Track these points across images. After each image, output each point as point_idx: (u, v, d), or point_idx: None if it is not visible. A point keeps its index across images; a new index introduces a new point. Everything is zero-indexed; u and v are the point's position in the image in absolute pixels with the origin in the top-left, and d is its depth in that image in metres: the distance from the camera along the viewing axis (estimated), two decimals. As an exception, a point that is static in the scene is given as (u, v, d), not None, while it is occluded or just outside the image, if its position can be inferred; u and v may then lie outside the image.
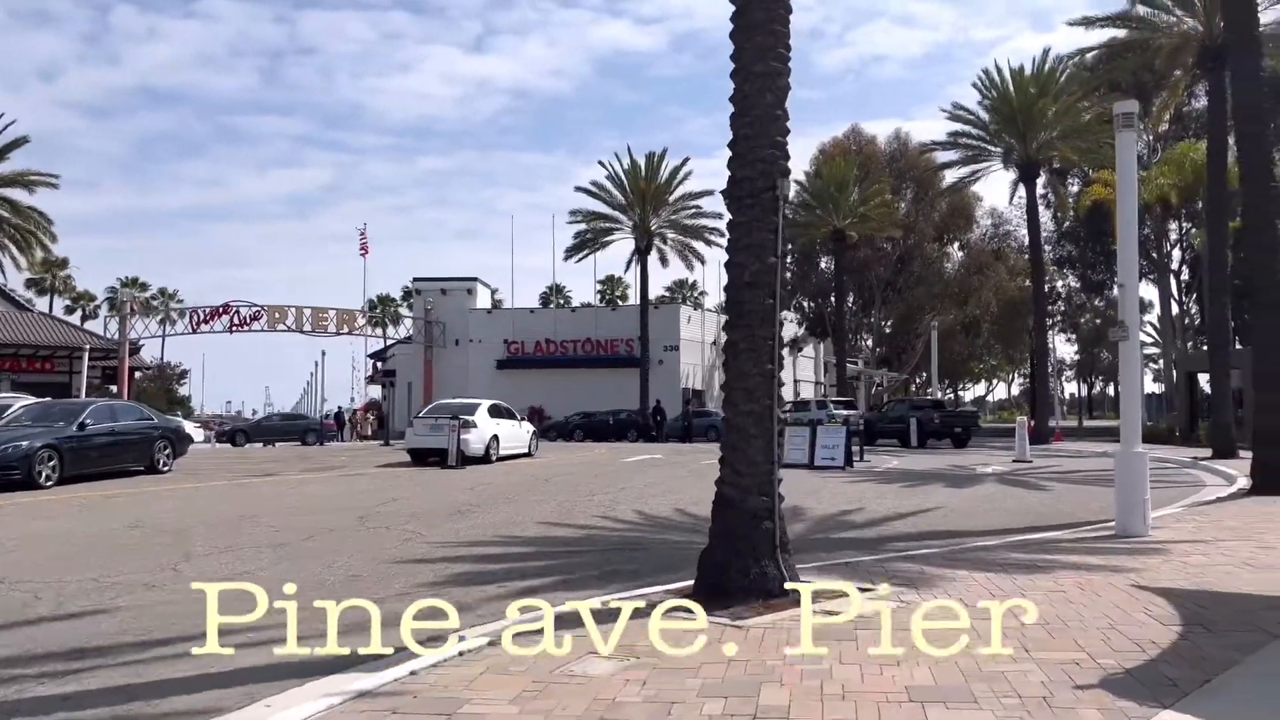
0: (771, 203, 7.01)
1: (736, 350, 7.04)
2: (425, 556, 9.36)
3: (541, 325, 51.99)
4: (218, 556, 9.27)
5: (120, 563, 8.86)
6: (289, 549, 9.73)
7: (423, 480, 17.93)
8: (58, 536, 10.69)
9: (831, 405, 38.99)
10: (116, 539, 10.46)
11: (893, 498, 14.86)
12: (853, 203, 45.04)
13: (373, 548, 9.89)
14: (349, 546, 9.92)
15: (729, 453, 7.05)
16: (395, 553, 9.58)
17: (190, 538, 10.49)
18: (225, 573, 8.35)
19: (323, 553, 9.46)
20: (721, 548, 6.86)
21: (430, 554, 9.51)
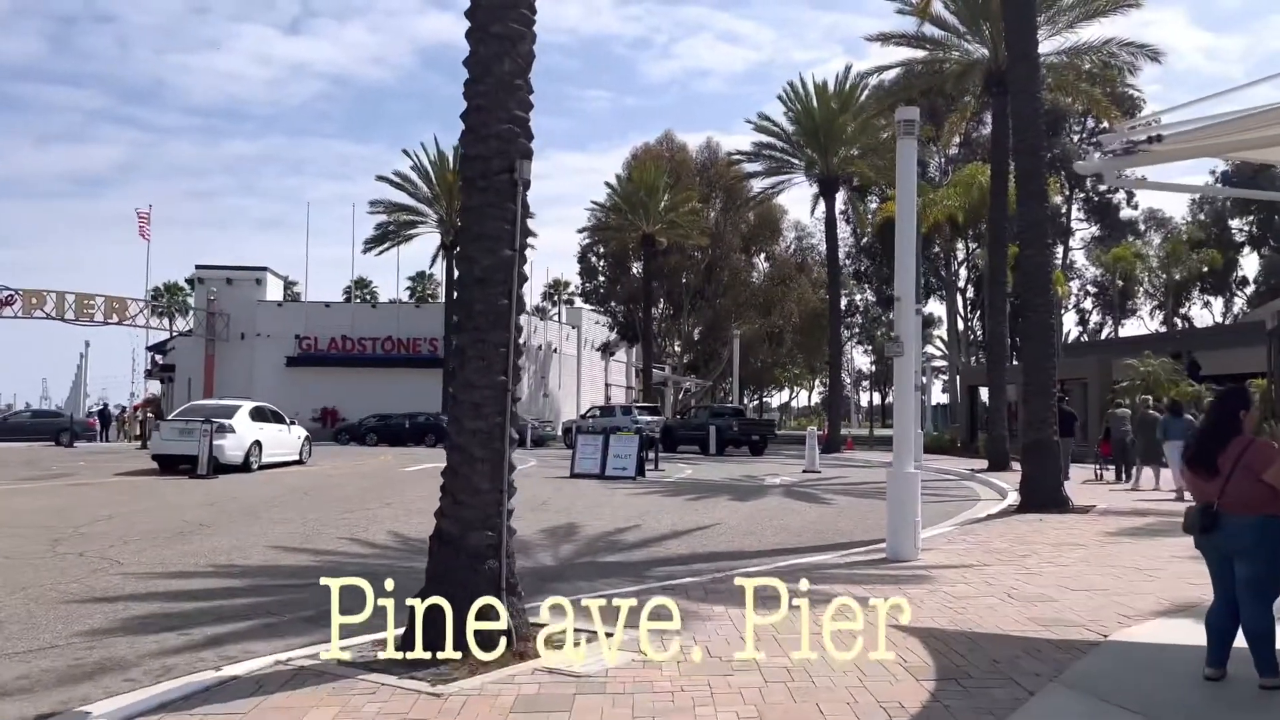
0: (509, 187, 6.01)
1: (464, 357, 5.99)
2: (109, 593, 7.81)
3: (339, 321, 49.21)
4: None
5: None
6: (-73, 587, 7.91)
7: (159, 492, 15.88)
8: None
9: (636, 411, 38.61)
10: None
11: (674, 512, 14.22)
12: (663, 208, 44.99)
13: (48, 580, 8.23)
14: (17, 579, 8.20)
15: (450, 479, 5.99)
16: (74, 588, 7.98)
17: None
18: None
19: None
20: (436, 593, 5.78)
21: (117, 589, 7.96)
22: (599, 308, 58.20)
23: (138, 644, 6.28)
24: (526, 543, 10.92)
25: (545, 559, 10.07)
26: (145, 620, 6.97)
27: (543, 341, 53.99)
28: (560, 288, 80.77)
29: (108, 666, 5.79)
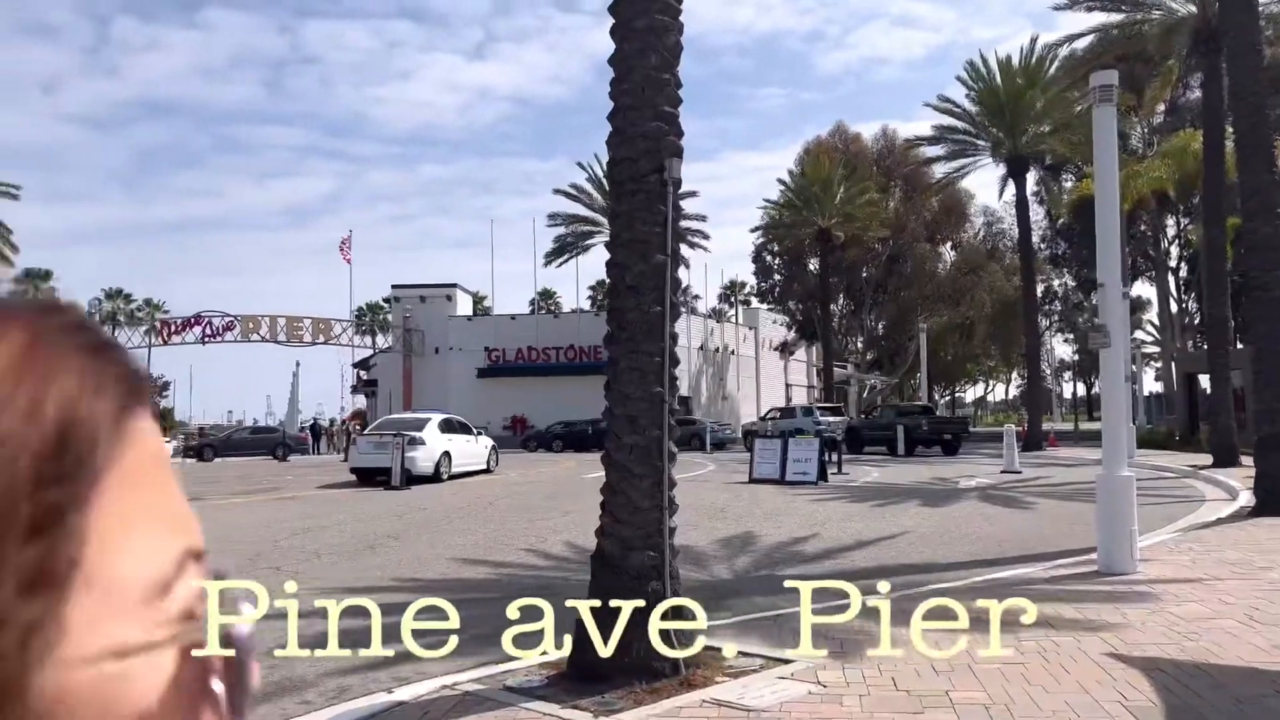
0: (659, 189, 5.70)
1: (617, 369, 5.73)
2: (299, 608, 8.02)
3: (524, 332, 50.66)
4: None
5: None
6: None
7: (355, 505, 16.60)
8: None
9: (817, 412, 37.66)
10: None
11: (859, 520, 13.53)
12: (839, 201, 43.73)
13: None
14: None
15: (609, 496, 5.74)
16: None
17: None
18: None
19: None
20: (600, 617, 5.54)
21: (305, 605, 8.18)
22: (776, 307, 57.34)
23: (318, 663, 6.36)
24: (700, 553, 10.61)
25: (721, 571, 9.71)
26: (315, 639, 7.09)
27: (719, 344, 53.70)
28: (736, 289, 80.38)
29: (286, 686, 5.87)
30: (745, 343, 57.44)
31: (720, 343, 53.90)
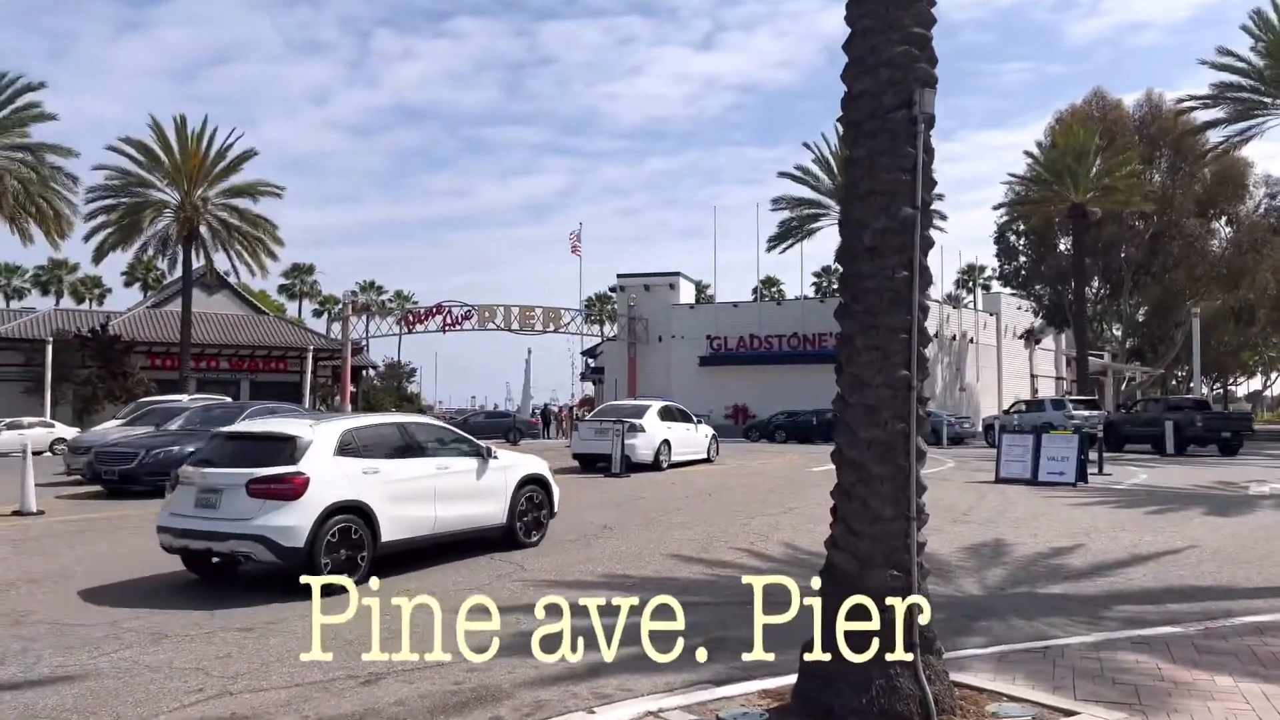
0: (906, 127, 4.67)
1: (852, 348, 4.75)
2: (509, 602, 7.59)
3: (746, 320, 49.81)
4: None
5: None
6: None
7: (574, 492, 16.34)
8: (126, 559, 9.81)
9: (1070, 405, 34.43)
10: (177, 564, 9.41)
11: (1131, 530, 11.70)
12: (1094, 174, 39.71)
13: (452, 589, 8.25)
14: (434, 585, 8.34)
15: (841, 502, 4.78)
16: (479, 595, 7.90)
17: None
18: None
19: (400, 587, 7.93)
20: (828, 645, 4.61)
21: (516, 598, 7.75)
22: (1020, 291, 53.22)
23: (516, 670, 5.83)
24: (944, 563, 9.38)
25: (969, 586, 8.46)
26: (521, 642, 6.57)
27: (956, 331, 50.53)
28: (975, 273, 75.78)
29: (482, 696, 5.35)
30: (985, 330, 53.79)
31: (958, 329, 50.73)
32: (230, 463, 8.39)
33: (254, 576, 8.73)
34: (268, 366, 49.35)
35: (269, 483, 7.98)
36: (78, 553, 10.09)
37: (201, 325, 46.13)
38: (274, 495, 7.94)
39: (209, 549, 8.26)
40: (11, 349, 42.29)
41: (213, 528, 8.05)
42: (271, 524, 7.84)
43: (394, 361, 75.95)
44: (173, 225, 39.21)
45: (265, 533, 7.84)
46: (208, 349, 46.46)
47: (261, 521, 7.86)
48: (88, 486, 16.18)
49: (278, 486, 7.97)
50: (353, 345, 50.65)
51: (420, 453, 9.20)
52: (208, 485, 8.25)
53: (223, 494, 8.11)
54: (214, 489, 8.18)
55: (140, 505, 14.05)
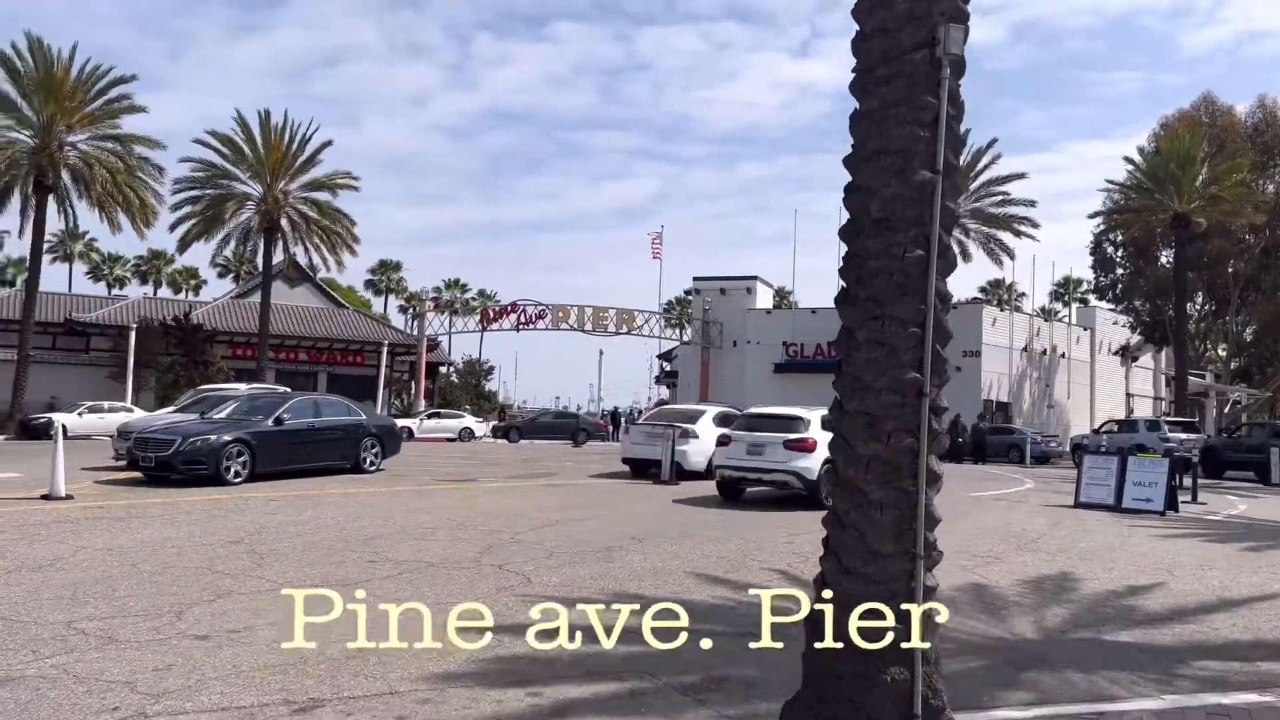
0: (926, 71, 3.77)
1: (851, 344, 3.88)
2: (496, 620, 6.88)
3: (824, 326, 48.24)
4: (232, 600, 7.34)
5: (110, 602, 7.18)
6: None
7: (616, 498, 15.61)
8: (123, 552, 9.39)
9: (1166, 426, 32.32)
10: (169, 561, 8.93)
11: (1222, 568, 10.39)
12: (1201, 182, 37.29)
13: (446, 598, 7.58)
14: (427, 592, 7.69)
15: (834, 531, 3.92)
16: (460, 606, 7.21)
17: (262, 563, 8.77)
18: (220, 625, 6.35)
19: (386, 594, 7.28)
20: (811, 703, 3.74)
21: (507, 616, 7.03)
22: (1116, 306, 50.57)
23: (476, 702, 5.10)
24: (998, 597, 8.34)
25: (1023, 626, 7.40)
26: (504, 665, 5.84)
27: (1047, 345, 48.26)
28: (1071, 286, 72.67)
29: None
30: (1078, 345, 51.28)
31: (1049, 343, 48.44)
32: (763, 429, 15.24)
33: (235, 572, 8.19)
34: (345, 360, 49.91)
35: (799, 444, 14.71)
36: (80, 542, 9.73)
37: (281, 317, 46.89)
38: (802, 449, 14.63)
39: (759, 479, 15.16)
40: (100, 335, 43.61)
41: (761, 465, 14.91)
42: (800, 465, 14.59)
43: (473, 359, 76.43)
44: (254, 218, 39.88)
45: (798, 470, 14.57)
46: (287, 340, 47.19)
47: (794, 464, 14.64)
48: (130, 473, 16.09)
49: (803, 444, 14.67)
50: (429, 341, 50.92)
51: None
52: (755, 441, 15.06)
53: (765, 447, 14.89)
54: (759, 444, 14.99)
55: (170, 494, 13.83)
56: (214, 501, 13.17)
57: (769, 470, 14.75)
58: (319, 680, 5.39)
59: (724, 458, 15.48)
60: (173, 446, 14.70)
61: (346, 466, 17.43)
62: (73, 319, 43.36)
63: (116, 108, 35.72)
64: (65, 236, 77.02)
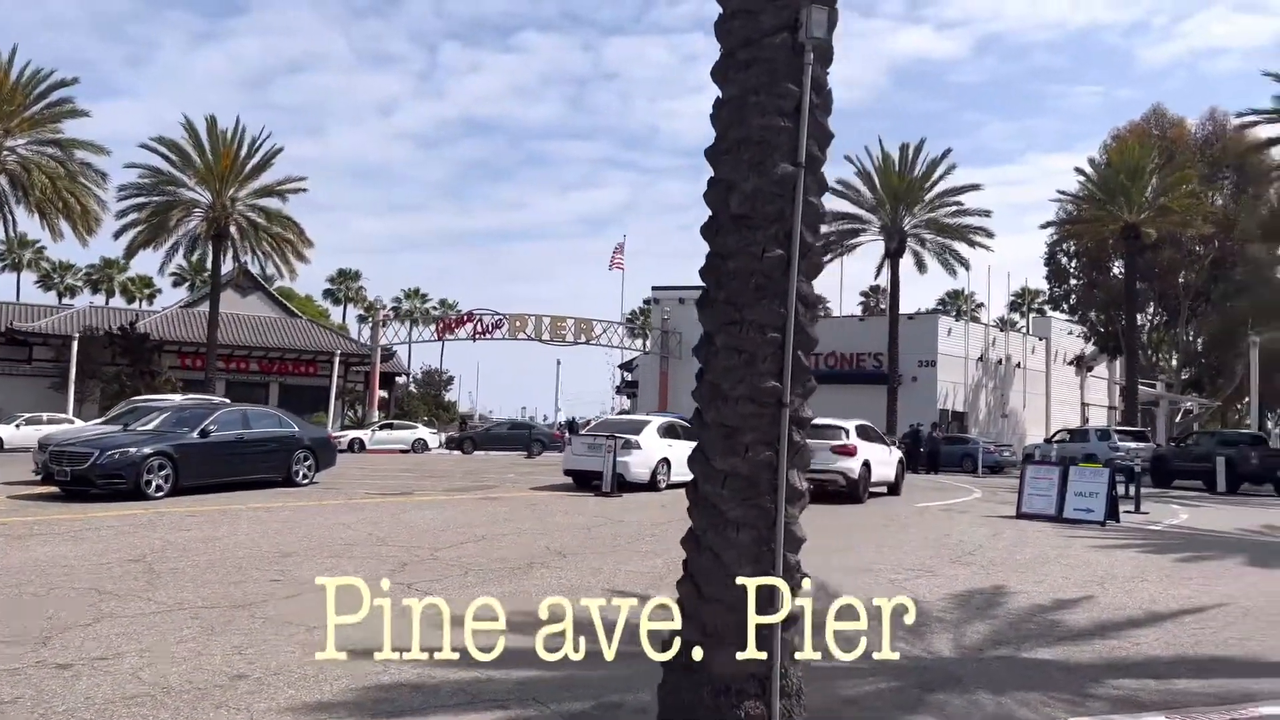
0: (788, 56, 3.50)
1: (710, 350, 3.59)
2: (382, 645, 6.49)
3: (783, 337, 48.39)
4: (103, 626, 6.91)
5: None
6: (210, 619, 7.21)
7: (552, 511, 15.25)
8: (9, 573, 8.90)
9: (1116, 436, 32.54)
10: (55, 582, 8.46)
11: (1154, 580, 10.26)
12: (1150, 193, 37.70)
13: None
14: (314, 613, 7.27)
15: (691, 554, 3.63)
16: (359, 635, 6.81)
17: (156, 583, 8.32)
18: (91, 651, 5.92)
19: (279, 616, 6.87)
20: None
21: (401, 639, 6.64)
22: (1071, 316, 51.05)
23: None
24: (923, 614, 8.09)
25: (942, 645, 7.16)
26: (383, 694, 5.51)
27: (1003, 355, 48.57)
28: (1028, 296, 73.35)
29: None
30: (1034, 355, 51.68)
31: (1004, 353, 48.74)
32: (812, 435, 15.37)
33: (123, 593, 7.74)
34: (298, 370, 49.05)
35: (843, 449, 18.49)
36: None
37: (231, 326, 46.00)
38: (845, 453, 18.48)
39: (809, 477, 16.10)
40: (43, 344, 42.48)
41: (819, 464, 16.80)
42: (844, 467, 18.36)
43: (432, 369, 75.67)
44: (202, 225, 39.08)
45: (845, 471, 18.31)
46: (237, 350, 46.29)
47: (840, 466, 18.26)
48: (48, 487, 15.46)
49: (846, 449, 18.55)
50: (385, 351, 50.23)
51: None
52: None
53: (815, 452, 15.16)
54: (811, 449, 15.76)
55: (83, 510, 13.24)
56: (127, 517, 12.64)
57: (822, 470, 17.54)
58: (175, 713, 5.01)
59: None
60: (90, 460, 14.14)
61: (278, 480, 16.91)
62: (14, 328, 42.21)
63: (58, 111, 34.89)
64: (13, 245, 75.29)
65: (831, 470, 17.91)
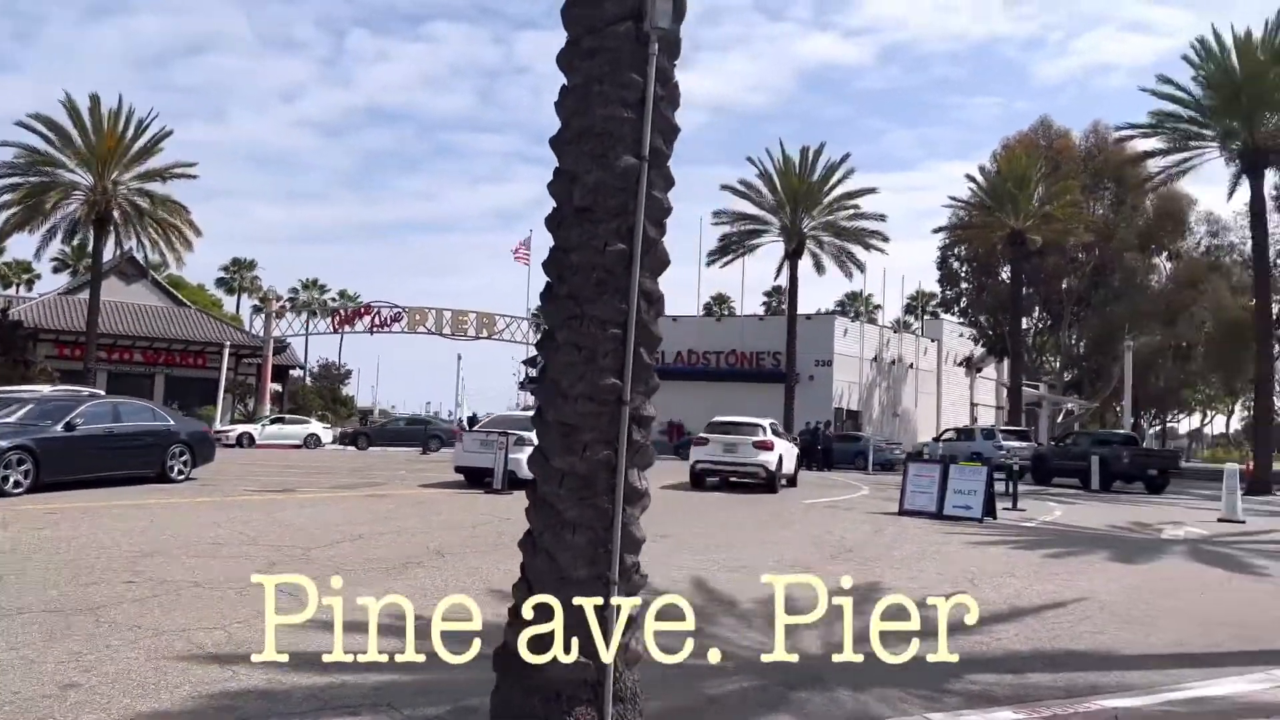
0: (631, 48, 3.42)
1: (551, 346, 3.48)
2: (241, 648, 6.23)
3: (685, 335, 48.66)
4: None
5: None
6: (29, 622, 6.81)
7: (439, 509, 14.98)
8: None
9: (1000, 435, 33.70)
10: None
11: (1022, 576, 10.58)
12: (1036, 202, 39.20)
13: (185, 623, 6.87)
14: (155, 622, 6.92)
15: (527, 555, 3.53)
16: (208, 640, 6.52)
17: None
18: None
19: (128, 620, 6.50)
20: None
21: (255, 644, 6.36)
22: (962, 319, 52.75)
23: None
24: (796, 612, 8.15)
25: (810, 643, 7.20)
26: (229, 702, 5.24)
27: (896, 355, 49.88)
28: (923, 299, 75.50)
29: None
30: (926, 356, 53.21)
31: (897, 353, 50.04)
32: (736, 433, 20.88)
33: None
34: (185, 361, 47.21)
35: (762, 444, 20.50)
36: None
37: (115, 315, 44.02)
38: (765, 448, 20.44)
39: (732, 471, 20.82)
40: (-98, 332, 39.88)
41: (735, 459, 20.37)
42: (764, 460, 20.33)
43: (329, 362, 73.85)
44: (82, 208, 37.22)
45: (765, 464, 20.28)
46: (120, 340, 44.30)
47: (761, 459, 20.24)
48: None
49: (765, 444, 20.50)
50: (278, 343, 48.77)
51: None
52: (728, 442, 20.31)
53: (738, 446, 20.25)
54: (733, 444, 20.39)
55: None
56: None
57: (740, 464, 20.99)
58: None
59: (701, 454, 21.50)
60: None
61: (151, 476, 16.19)
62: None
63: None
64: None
65: (753, 464, 20.51)
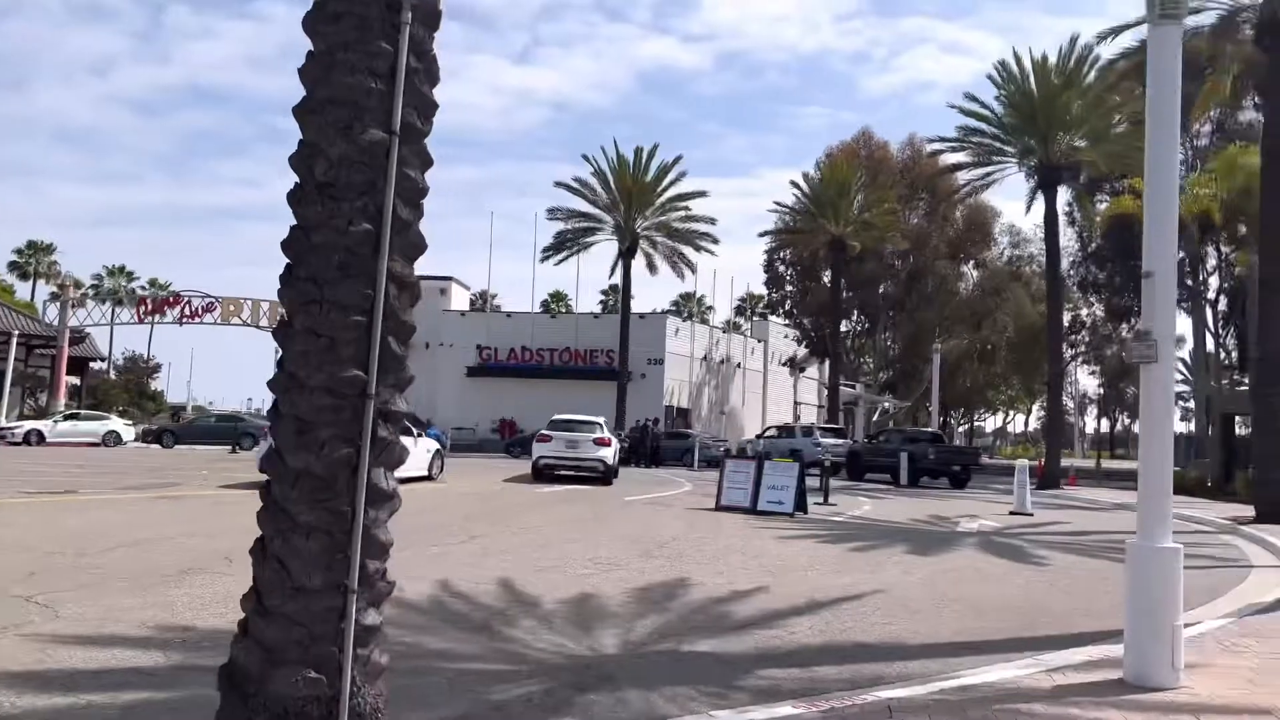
0: (380, 14, 3.17)
1: (288, 334, 3.19)
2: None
3: (519, 331, 48.27)
4: None
5: None
6: None
7: (236, 512, 14.06)
8: None
9: (819, 433, 34.99)
10: None
11: (825, 569, 10.90)
12: (855, 209, 41.01)
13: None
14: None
15: (257, 564, 3.24)
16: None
17: None
18: None
19: None
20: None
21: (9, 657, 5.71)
22: (787, 320, 54.61)
23: None
24: (599, 610, 8.08)
25: (606, 642, 7.12)
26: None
27: (725, 355, 51.09)
28: (752, 301, 77.74)
29: None
30: (753, 356, 54.76)
31: (726, 353, 51.25)
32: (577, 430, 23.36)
33: None
34: (-35, 352, 42.99)
35: (600, 440, 23.30)
36: None
37: (-121, 300, 39.64)
38: (603, 444, 23.24)
39: (575, 465, 22.67)
40: None
41: (577, 454, 22.74)
42: (602, 456, 23.01)
43: (135, 355, 69.08)
44: None
45: (603, 459, 22.90)
46: (-114, 328, 39.97)
47: (600, 455, 22.97)
48: None
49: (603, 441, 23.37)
50: (75, 334, 45.18)
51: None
52: (570, 439, 22.88)
53: (580, 443, 22.85)
54: (575, 441, 22.89)
55: None
56: None
57: (582, 459, 22.96)
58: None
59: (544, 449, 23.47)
60: None
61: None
62: None
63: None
64: None
65: (593, 459, 22.68)
